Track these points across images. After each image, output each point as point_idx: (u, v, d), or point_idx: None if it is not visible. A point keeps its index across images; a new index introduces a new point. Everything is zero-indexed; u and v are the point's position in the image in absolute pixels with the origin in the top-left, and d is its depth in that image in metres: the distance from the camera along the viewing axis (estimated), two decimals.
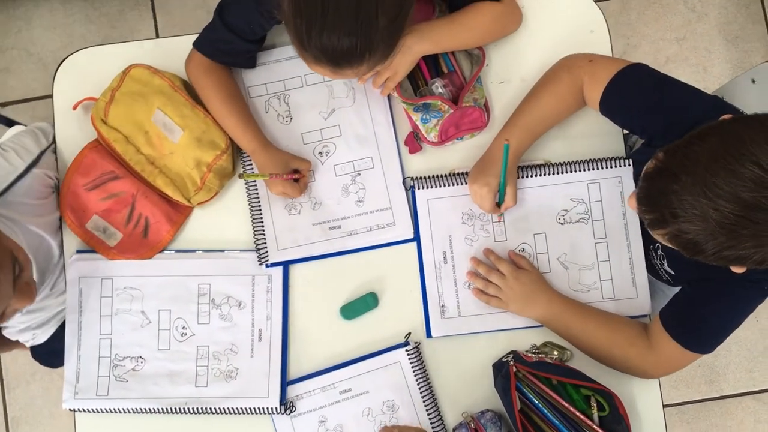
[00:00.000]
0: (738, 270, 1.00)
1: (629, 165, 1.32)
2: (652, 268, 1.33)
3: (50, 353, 1.56)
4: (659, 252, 1.29)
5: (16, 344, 1.55)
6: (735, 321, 1.17)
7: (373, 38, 1.06)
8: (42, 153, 1.32)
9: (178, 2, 2.35)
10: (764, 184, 0.86)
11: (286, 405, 1.30)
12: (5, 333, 1.50)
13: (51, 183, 1.34)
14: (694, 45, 2.28)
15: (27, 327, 1.55)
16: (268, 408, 1.30)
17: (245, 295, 1.33)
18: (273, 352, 1.32)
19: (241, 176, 1.33)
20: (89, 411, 1.33)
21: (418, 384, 1.30)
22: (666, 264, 1.28)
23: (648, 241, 1.31)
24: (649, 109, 1.18)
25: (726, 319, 1.16)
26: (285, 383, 1.31)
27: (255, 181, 1.35)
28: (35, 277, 1.27)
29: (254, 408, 1.30)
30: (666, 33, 2.28)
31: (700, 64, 2.27)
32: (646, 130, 1.21)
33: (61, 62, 1.40)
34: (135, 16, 2.37)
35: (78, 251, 1.37)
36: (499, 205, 1.29)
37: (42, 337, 1.58)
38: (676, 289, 1.27)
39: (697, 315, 1.18)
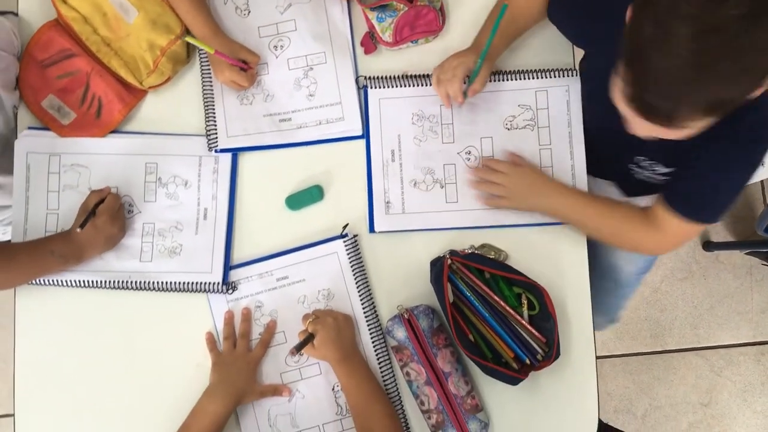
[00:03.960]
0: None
1: (577, 75, 1.35)
2: (638, 186, 1.35)
3: None
4: (644, 162, 1.28)
5: None
6: (734, 186, 1.16)
7: None
8: (7, 12, 1.33)
9: None
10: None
11: (229, 285, 1.31)
12: None
13: (15, 43, 1.35)
14: None
15: None
16: (210, 284, 1.31)
17: (192, 174, 1.35)
18: (217, 231, 1.33)
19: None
20: (33, 283, 1.33)
21: (354, 275, 1.32)
22: (661, 167, 1.27)
23: (628, 160, 1.31)
24: (594, 13, 1.19)
25: (725, 186, 1.16)
26: (228, 263, 1.33)
27: (209, 67, 1.37)
28: None
29: (197, 283, 1.31)
30: None
31: None
32: (591, 38, 1.22)
33: None
34: None
35: (29, 128, 1.37)
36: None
37: (9, 234, 1.58)
38: None
39: (698, 186, 1.18)
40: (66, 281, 1.32)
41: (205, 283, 1.31)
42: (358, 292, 1.32)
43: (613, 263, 1.57)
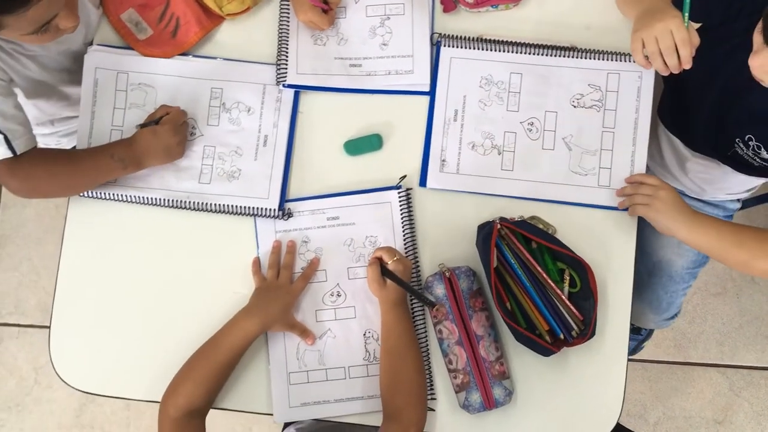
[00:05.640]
0: None
1: None
2: (741, 165, 1.33)
3: None
4: (752, 143, 1.27)
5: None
6: None
7: None
8: None
9: None
10: None
11: (284, 211, 1.33)
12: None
13: None
14: None
15: (55, 132, 1.58)
16: (266, 209, 1.33)
17: (255, 101, 1.37)
18: (276, 158, 1.35)
19: None
20: (93, 197, 1.36)
21: (402, 227, 1.33)
22: (764, 151, 1.26)
23: (739, 133, 1.28)
24: None
25: None
26: (285, 190, 1.35)
27: (289, 3, 1.38)
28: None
29: (253, 208, 1.33)
30: None
31: None
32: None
33: None
34: None
35: (98, 44, 1.40)
36: None
37: (66, 145, 1.62)
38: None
39: None
40: (126, 196, 1.34)
41: (261, 209, 1.33)
42: (404, 243, 1.33)
43: (665, 258, 1.56)
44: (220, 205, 1.34)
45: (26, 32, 1.10)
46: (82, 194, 1.35)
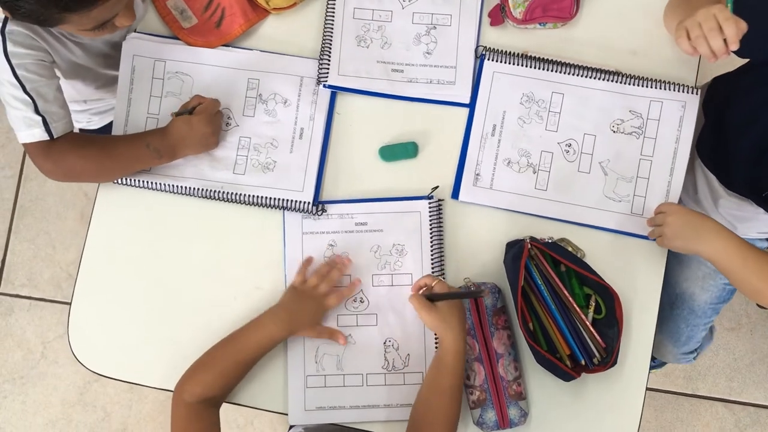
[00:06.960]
0: None
1: (696, 93, 1.33)
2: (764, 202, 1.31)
3: None
4: None
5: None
6: None
7: None
8: None
9: None
10: None
11: (318, 206, 1.33)
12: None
13: None
14: None
15: (87, 110, 1.58)
16: (300, 203, 1.32)
17: (292, 93, 1.36)
18: (312, 151, 1.35)
19: None
20: (126, 184, 1.36)
21: (431, 238, 1.32)
22: None
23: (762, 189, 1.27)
24: None
25: None
26: (320, 184, 1.35)
27: (334, 4, 1.37)
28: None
29: (287, 200, 1.33)
30: None
31: None
32: None
33: None
34: None
35: (137, 31, 1.39)
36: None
37: (97, 123, 1.62)
38: None
39: None
40: (160, 184, 1.34)
41: (296, 201, 1.32)
42: (431, 255, 1.32)
43: (689, 291, 1.54)
44: (253, 196, 1.33)
45: (86, 28, 1.11)
46: (115, 181, 1.35)
